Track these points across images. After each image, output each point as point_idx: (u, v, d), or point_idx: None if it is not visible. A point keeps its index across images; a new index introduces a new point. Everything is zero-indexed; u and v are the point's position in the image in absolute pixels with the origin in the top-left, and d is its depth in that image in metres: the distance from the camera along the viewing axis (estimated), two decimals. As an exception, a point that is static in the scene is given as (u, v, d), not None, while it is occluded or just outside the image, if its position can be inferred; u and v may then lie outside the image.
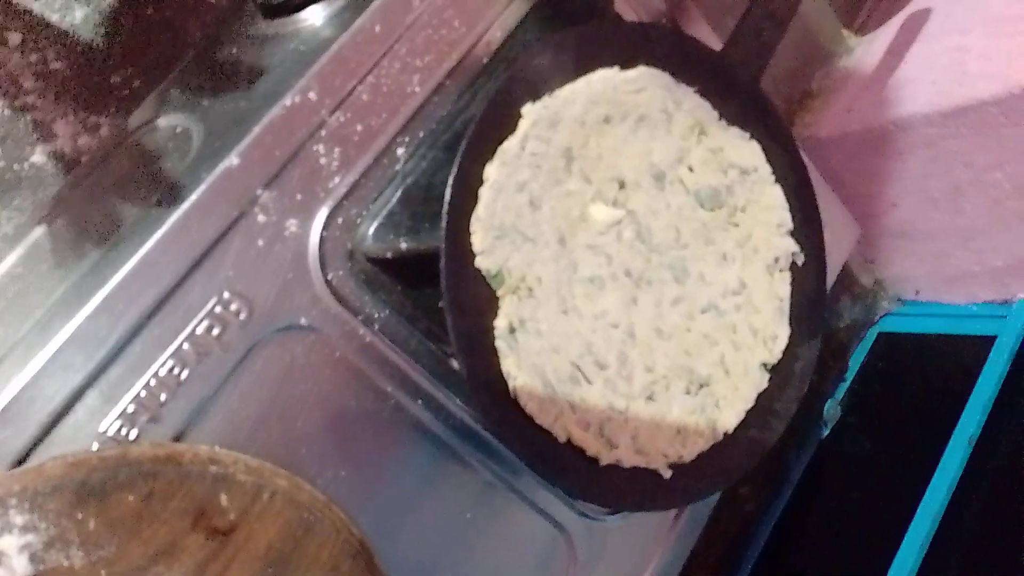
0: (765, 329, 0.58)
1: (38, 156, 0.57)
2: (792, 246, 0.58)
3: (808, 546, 0.89)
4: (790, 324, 0.59)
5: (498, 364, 0.48)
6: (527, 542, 0.57)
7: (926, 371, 0.95)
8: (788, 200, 0.59)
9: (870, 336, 1.01)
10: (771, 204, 0.57)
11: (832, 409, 0.96)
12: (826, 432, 0.95)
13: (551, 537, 0.58)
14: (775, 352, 0.58)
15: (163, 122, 0.52)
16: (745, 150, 0.57)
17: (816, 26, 0.97)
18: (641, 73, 0.53)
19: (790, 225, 0.57)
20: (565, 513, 0.58)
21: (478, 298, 0.48)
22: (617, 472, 0.53)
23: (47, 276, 0.46)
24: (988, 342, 0.88)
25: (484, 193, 0.48)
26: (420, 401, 0.52)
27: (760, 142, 0.58)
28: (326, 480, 0.48)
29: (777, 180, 0.58)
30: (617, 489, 0.53)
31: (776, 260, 0.57)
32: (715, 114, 0.56)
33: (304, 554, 0.46)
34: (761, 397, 0.58)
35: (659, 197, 0.54)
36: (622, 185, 0.53)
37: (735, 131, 0.57)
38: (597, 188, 0.52)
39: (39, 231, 0.50)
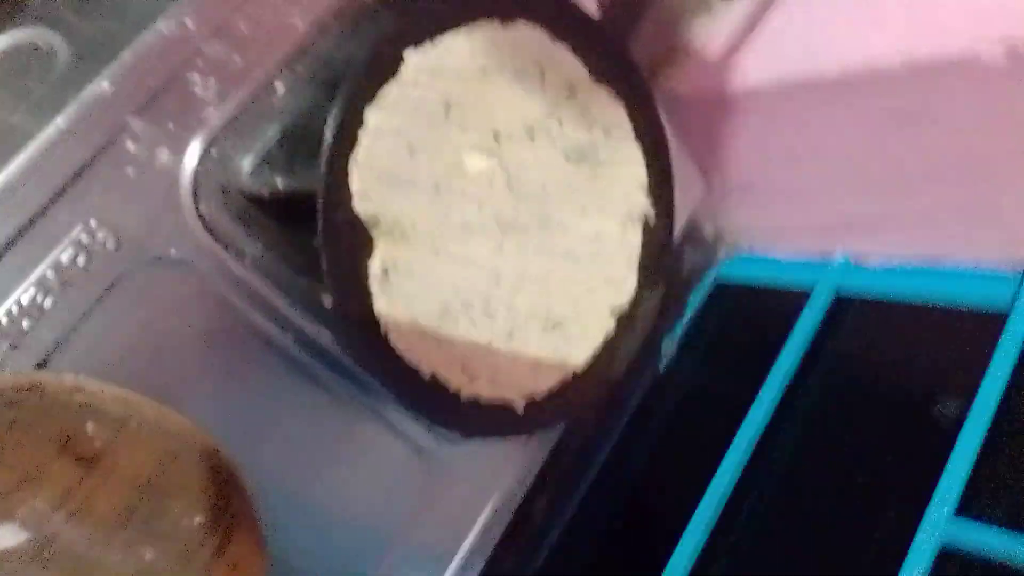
0: (616, 276, 0.63)
1: None
2: (645, 203, 0.63)
3: (642, 468, 0.97)
4: (638, 273, 0.64)
5: (370, 303, 0.51)
6: (386, 463, 0.60)
7: (752, 317, 1.04)
8: (645, 158, 0.64)
9: (706, 281, 1.09)
10: (630, 162, 0.62)
11: (668, 346, 1.04)
12: (663, 365, 1.03)
13: (408, 457, 0.61)
14: (623, 297, 0.64)
15: (20, 35, 0.48)
16: (610, 109, 0.61)
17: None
18: (520, 29, 0.55)
19: (645, 182, 0.62)
20: (423, 436, 0.61)
21: (354, 240, 0.50)
22: (476, 405, 0.57)
23: None
24: (807, 294, 0.98)
25: (363, 137, 0.49)
26: (290, 334, 0.53)
27: (624, 100, 0.62)
28: (195, 409, 0.49)
29: (637, 139, 0.62)
30: (475, 420, 0.57)
31: (630, 214, 0.62)
32: (585, 72, 0.60)
33: (173, 480, 0.47)
34: (608, 339, 0.63)
35: (529, 149, 0.57)
36: (496, 136, 0.55)
37: (603, 90, 0.60)
38: (473, 138, 0.54)
39: None
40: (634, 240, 0.64)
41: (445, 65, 0.52)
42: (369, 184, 0.50)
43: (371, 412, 0.58)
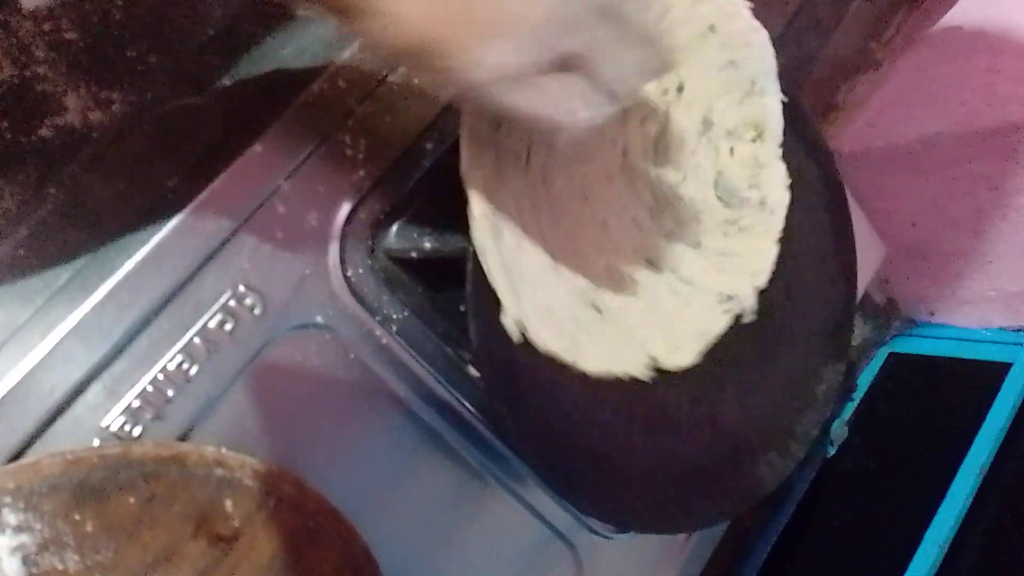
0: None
1: (46, 130, 0.54)
2: (748, 299, 0.54)
3: (807, 567, 0.88)
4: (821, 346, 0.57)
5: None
6: (535, 556, 0.55)
7: (936, 395, 0.93)
8: (820, 218, 0.58)
9: (880, 356, 1.00)
10: (759, 252, 0.55)
11: (839, 428, 0.95)
12: (831, 451, 0.94)
13: (559, 552, 0.56)
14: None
15: (185, 101, 0.49)
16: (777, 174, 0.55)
17: (843, 38, 0.95)
18: None
19: (763, 283, 0.54)
20: (574, 528, 0.56)
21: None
22: (631, 492, 0.51)
23: (52, 259, 0.44)
24: (1001, 369, 0.87)
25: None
26: (434, 408, 0.50)
27: (797, 157, 0.56)
28: (334, 486, 0.46)
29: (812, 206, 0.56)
30: (632, 509, 0.51)
31: (726, 298, 0.54)
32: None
33: (306, 564, 0.44)
34: (781, 419, 0.56)
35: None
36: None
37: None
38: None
39: (45, 210, 0.47)
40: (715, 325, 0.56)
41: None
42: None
43: (519, 499, 0.54)
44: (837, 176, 0.59)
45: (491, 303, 0.45)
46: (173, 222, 0.41)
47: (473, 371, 0.51)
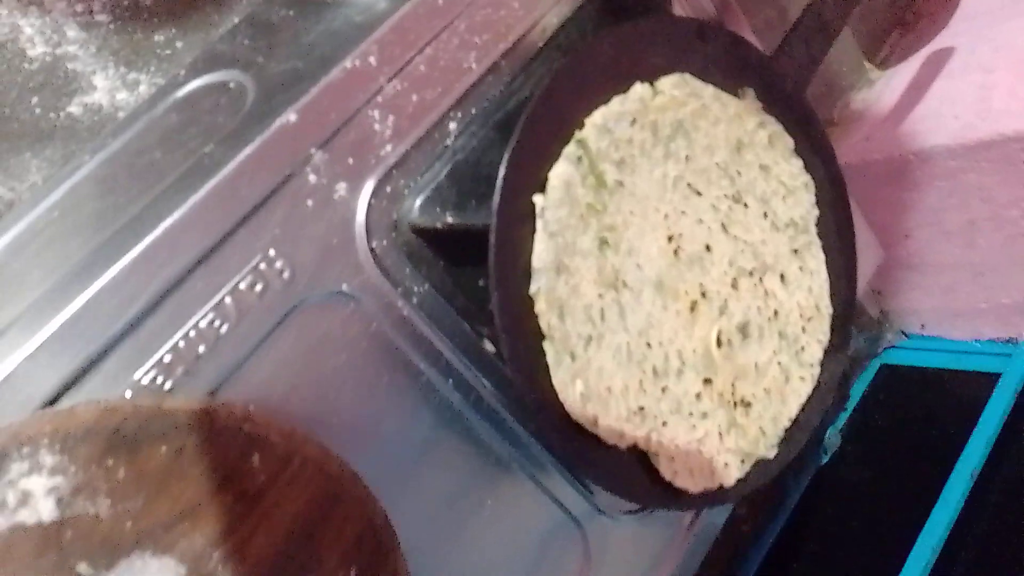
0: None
1: (74, 107, 0.56)
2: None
3: (803, 571, 0.88)
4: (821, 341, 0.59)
5: (538, 349, 0.48)
6: (541, 531, 0.55)
7: (927, 405, 0.95)
8: (822, 211, 0.60)
9: (872, 367, 1.01)
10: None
11: (832, 437, 0.96)
12: (825, 459, 0.95)
13: (565, 529, 0.56)
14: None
15: (215, 77, 0.51)
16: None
17: (839, 56, 0.98)
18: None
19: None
20: (582, 506, 0.57)
21: (526, 285, 0.47)
22: (645, 466, 0.52)
23: (86, 223, 0.45)
24: (991, 379, 0.88)
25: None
26: (451, 381, 0.51)
27: (802, 156, 0.58)
28: (351, 454, 0.47)
29: (817, 201, 0.58)
30: (643, 483, 0.52)
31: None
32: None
33: (329, 528, 0.45)
34: (793, 418, 0.58)
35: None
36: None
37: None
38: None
39: (79, 176, 0.48)
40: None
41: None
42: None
43: (529, 475, 0.55)
44: (840, 174, 0.61)
45: (512, 274, 0.47)
46: (208, 185, 0.43)
47: (489, 346, 0.52)
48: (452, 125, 0.50)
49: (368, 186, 0.47)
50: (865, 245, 0.76)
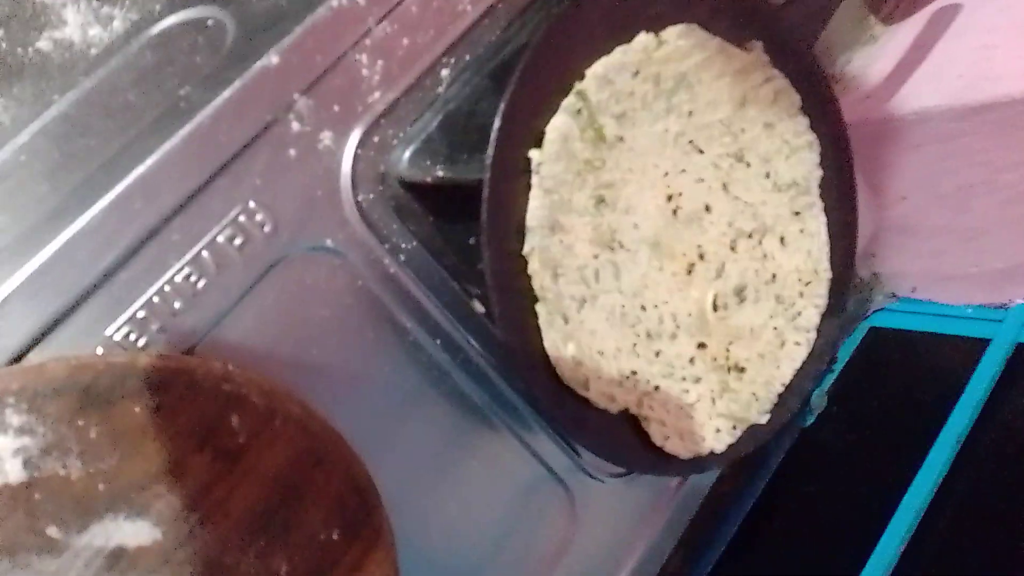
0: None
1: (44, 42, 0.53)
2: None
3: (783, 531, 0.89)
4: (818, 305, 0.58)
5: (534, 319, 0.46)
6: (528, 493, 0.55)
7: (916, 368, 0.95)
8: (826, 172, 0.58)
9: (861, 329, 1.01)
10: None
11: (819, 398, 0.96)
12: (811, 420, 0.95)
13: (553, 491, 0.56)
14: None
15: (192, 13, 0.48)
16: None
17: (843, 11, 0.95)
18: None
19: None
20: (569, 469, 0.56)
21: (518, 244, 0.45)
22: (632, 430, 0.51)
23: (56, 168, 0.42)
24: (981, 345, 0.88)
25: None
26: (438, 340, 0.49)
27: (808, 114, 0.56)
28: (336, 412, 0.45)
29: (821, 162, 0.57)
30: (631, 447, 0.51)
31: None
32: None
33: (311, 487, 0.43)
34: (786, 384, 0.57)
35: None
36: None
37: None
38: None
39: (48, 116, 0.46)
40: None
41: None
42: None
43: (516, 436, 0.53)
44: (845, 133, 0.59)
45: (505, 232, 0.45)
46: (184, 131, 0.40)
47: (479, 307, 0.50)
48: (444, 72, 0.48)
49: (355, 136, 0.45)
50: (863, 207, 0.74)
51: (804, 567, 0.83)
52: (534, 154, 0.45)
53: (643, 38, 0.48)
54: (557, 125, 0.45)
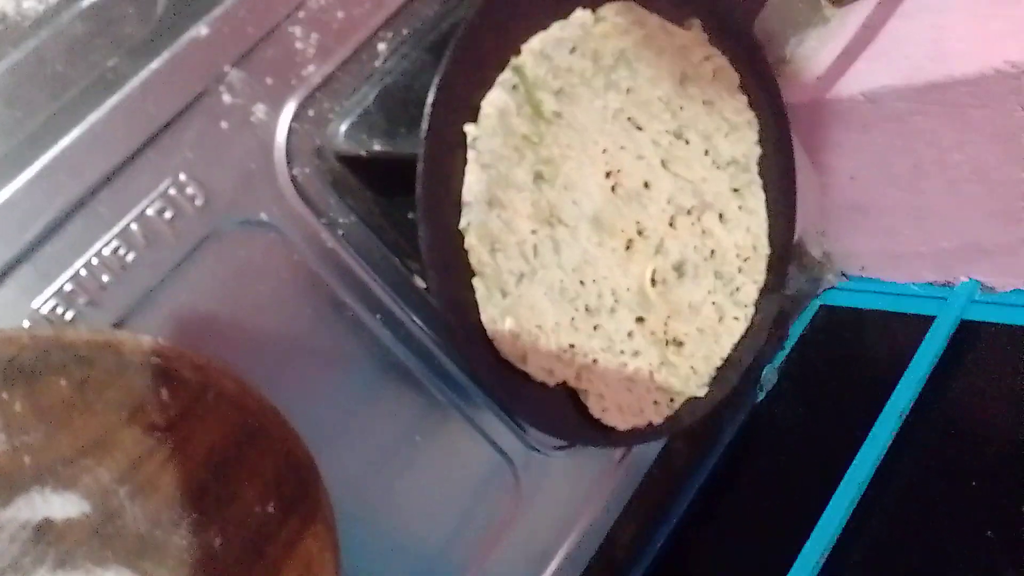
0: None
1: (-27, 13, 0.51)
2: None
3: (735, 505, 0.90)
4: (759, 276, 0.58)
5: (472, 294, 0.46)
6: (472, 468, 0.55)
7: (864, 345, 0.96)
8: (765, 149, 0.59)
9: (812, 307, 1.02)
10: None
11: (769, 374, 0.97)
12: (761, 396, 0.96)
13: (496, 465, 0.56)
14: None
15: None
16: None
17: (795, -8, 0.96)
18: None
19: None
20: (512, 443, 0.56)
21: (456, 219, 0.45)
22: (571, 402, 0.52)
23: (-21, 137, 0.42)
24: (927, 322, 0.90)
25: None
26: (379, 316, 0.49)
27: (748, 92, 0.57)
28: (273, 387, 0.45)
29: (760, 140, 0.57)
30: (569, 419, 0.52)
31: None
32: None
33: (246, 462, 0.43)
34: (725, 358, 0.58)
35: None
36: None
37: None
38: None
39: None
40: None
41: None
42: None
43: (459, 411, 0.54)
44: (784, 112, 0.60)
45: (441, 207, 0.45)
46: (112, 101, 0.40)
47: (420, 282, 0.50)
48: (381, 46, 0.48)
49: (289, 108, 0.45)
50: (808, 186, 0.75)
51: (756, 539, 0.85)
52: (470, 128, 0.45)
53: (580, 14, 0.48)
54: (493, 100, 0.45)
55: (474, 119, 0.45)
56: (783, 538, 0.80)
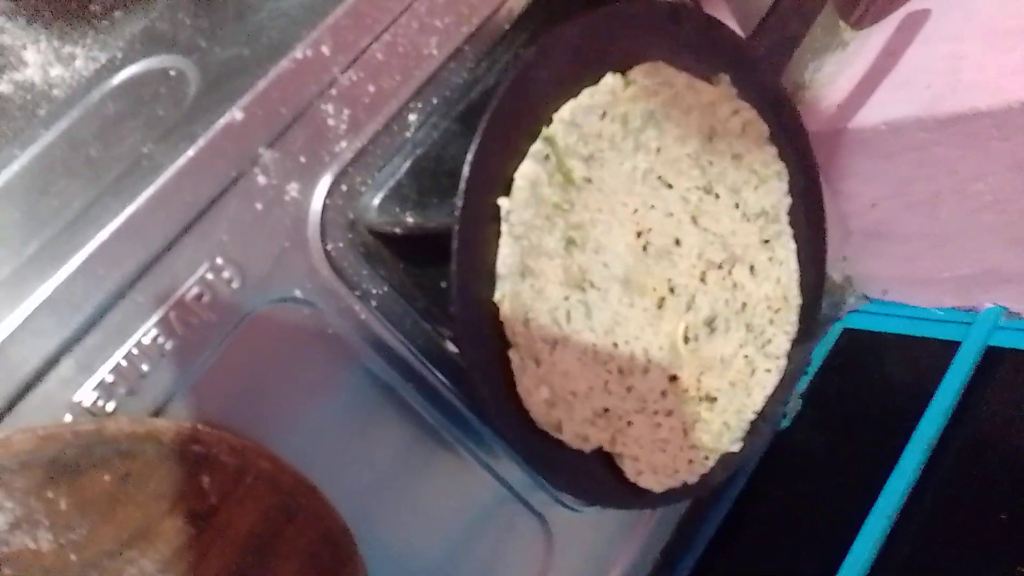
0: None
1: (4, 85, 0.52)
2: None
3: (759, 535, 0.90)
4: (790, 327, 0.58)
5: (501, 355, 0.46)
6: (507, 528, 0.55)
7: (887, 370, 0.96)
8: (795, 199, 0.58)
9: (835, 331, 1.02)
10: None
11: (793, 401, 0.97)
12: (786, 423, 0.96)
13: (529, 523, 0.56)
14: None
15: (155, 62, 0.47)
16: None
17: (814, 17, 0.95)
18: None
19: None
20: (546, 502, 0.56)
21: (489, 288, 0.45)
22: (604, 469, 0.52)
23: (18, 228, 0.42)
24: (951, 347, 0.89)
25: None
26: (412, 384, 0.49)
27: (776, 143, 0.56)
28: (311, 463, 0.45)
29: (790, 189, 0.57)
30: (603, 485, 0.52)
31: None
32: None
33: (284, 540, 0.44)
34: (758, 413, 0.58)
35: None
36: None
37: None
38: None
39: (7, 176, 0.45)
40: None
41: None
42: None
43: (492, 473, 0.54)
44: (814, 161, 0.59)
45: (475, 280, 0.45)
46: (148, 191, 0.40)
47: (452, 347, 0.50)
48: (412, 117, 0.47)
49: (322, 185, 0.45)
50: (832, 221, 0.75)
51: (780, 568, 0.84)
52: (503, 202, 0.45)
53: (610, 79, 0.48)
54: (525, 172, 0.45)
55: (506, 192, 0.45)
56: (809, 568, 0.80)
